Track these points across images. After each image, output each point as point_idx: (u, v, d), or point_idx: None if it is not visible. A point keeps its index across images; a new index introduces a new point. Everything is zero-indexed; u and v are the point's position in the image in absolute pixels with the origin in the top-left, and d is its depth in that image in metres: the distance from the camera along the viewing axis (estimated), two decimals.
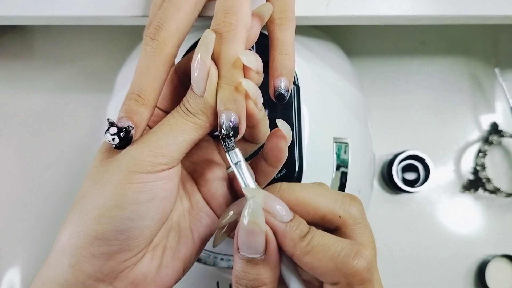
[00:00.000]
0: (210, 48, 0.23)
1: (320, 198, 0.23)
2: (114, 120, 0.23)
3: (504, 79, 0.51)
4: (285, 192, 0.23)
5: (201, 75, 0.22)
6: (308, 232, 0.22)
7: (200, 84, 0.22)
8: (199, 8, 0.27)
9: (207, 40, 0.23)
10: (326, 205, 0.23)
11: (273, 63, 0.26)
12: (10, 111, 0.52)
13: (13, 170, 0.51)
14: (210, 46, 0.23)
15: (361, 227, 0.23)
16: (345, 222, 0.23)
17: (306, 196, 0.23)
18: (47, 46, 0.54)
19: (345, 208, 0.23)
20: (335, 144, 0.37)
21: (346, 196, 0.23)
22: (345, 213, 0.23)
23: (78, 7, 0.36)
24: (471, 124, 0.52)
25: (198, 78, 0.22)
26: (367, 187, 0.43)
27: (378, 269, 0.23)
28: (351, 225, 0.23)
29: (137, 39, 0.27)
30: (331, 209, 0.23)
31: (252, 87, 0.23)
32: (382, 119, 0.52)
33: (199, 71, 0.22)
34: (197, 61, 0.22)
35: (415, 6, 0.36)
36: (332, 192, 0.23)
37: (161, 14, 0.24)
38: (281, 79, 0.25)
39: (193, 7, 0.25)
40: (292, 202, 0.22)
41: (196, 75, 0.22)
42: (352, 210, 0.23)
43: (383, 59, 0.54)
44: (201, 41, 0.23)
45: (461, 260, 0.50)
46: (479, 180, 0.50)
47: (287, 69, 0.26)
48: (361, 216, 0.23)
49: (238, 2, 0.24)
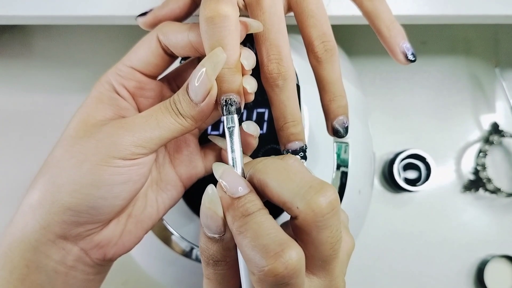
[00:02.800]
0: (219, 68, 0.23)
1: (284, 184, 0.21)
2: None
3: (505, 79, 0.51)
4: (255, 173, 0.22)
5: (203, 88, 0.23)
6: (254, 213, 0.20)
7: (199, 94, 0.23)
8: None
9: (217, 59, 0.22)
10: (288, 192, 0.20)
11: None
12: (10, 111, 0.52)
13: (13, 170, 0.51)
14: (219, 66, 0.23)
15: (320, 225, 0.20)
16: (302, 215, 0.20)
17: (269, 182, 0.21)
18: (46, 46, 0.54)
19: (307, 199, 0.20)
20: (335, 144, 0.37)
21: (314, 186, 0.20)
22: (305, 205, 0.20)
23: (78, 7, 0.36)
24: (471, 124, 0.52)
25: (198, 89, 0.23)
26: (368, 186, 0.43)
27: (378, 268, 0.22)
28: (309, 220, 0.20)
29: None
30: (291, 198, 0.20)
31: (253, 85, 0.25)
32: (382, 119, 0.52)
33: (201, 83, 0.22)
34: (201, 73, 0.22)
35: (415, 6, 0.36)
36: (302, 178, 0.21)
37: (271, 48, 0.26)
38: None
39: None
40: (257, 184, 0.22)
41: (196, 85, 0.22)
42: (314, 202, 0.20)
43: (383, 59, 0.53)
44: (210, 57, 0.22)
45: (461, 260, 0.50)
46: (480, 180, 0.50)
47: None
48: (328, 211, 0.20)
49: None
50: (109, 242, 0.25)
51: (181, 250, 0.37)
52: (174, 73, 0.30)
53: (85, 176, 0.23)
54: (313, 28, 0.27)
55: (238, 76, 0.24)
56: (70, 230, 0.23)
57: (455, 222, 0.51)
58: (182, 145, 0.29)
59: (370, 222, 0.50)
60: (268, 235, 0.20)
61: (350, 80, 0.42)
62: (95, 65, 0.52)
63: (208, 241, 0.22)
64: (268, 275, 0.19)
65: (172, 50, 0.26)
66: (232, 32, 0.23)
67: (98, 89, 0.26)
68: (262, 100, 0.33)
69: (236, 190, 0.21)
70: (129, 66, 0.26)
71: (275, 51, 0.26)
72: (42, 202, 0.23)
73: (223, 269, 0.22)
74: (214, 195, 0.22)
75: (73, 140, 0.24)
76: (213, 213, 0.21)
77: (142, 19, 0.29)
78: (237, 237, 0.21)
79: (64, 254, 0.24)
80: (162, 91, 0.28)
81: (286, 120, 0.27)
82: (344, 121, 0.28)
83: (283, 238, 0.19)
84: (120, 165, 0.23)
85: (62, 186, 0.23)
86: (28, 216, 0.23)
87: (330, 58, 0.27)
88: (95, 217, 0.24)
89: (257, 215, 0.20)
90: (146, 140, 0.23)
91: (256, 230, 0.20)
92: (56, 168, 0.23)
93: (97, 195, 0.23)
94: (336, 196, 0.20)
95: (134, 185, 0.24)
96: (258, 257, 0.19)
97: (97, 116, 0.25)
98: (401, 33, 0.28)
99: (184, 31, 0.25)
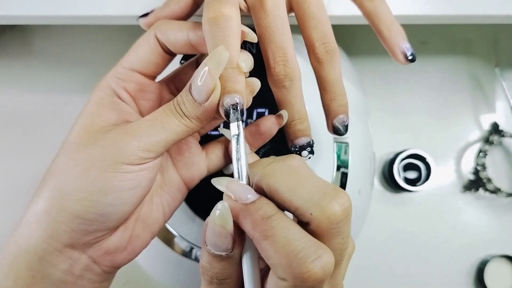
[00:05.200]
0: (222, 66, 0.22)
1: (295, 190, 0.20)
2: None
3: (505, 79, 0.51)
4: (263, 177, 0.21)
5: (206, 88, 0.22)
6: (274, 215, 0.20)
7: (203, 94, 0.22)
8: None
9: (220, 58, 0.22)
10: (301, 198, 0.20)
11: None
12: (10, 111, 0.52)
13: (13, 170, 0.51)
14: (222, 65, 0.22)
15: (333, 232, 0.20)
16: (316, 222, 0.19)
17: (280, 187, 0.20)
18: (46, 46, 0.54)
19: (321, 206, 0.19)
20: (336, 144, 0.37)
21: (328, 193, 0.20)
22: (319, 211, 0.19)
23: (78, 7, 0.36)
24: (471, 124, 0.52)
25: (202, 88, 0.22)
26: (368, 187, 0.43)
27: (378, 268, 0.22)
28: (323, 227, 0.19)
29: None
30: (304, 205, 0.20)
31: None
32: (382, 119, 0.52)
33: (204, 82, 0.22)
34: (203, 72, 0.22)
35: (415, 6, 0.36)
36: (314, 183, 0.20)
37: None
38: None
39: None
40: (266, 189, 0.21)
41: (199, 84, 0.22)
42: (330, 209, 0.19)
43: (383, 59, 0.53)
44: (213, 56, 0.22)
45: (461, 260, 0.50)
46: (480, 180, 0.50)
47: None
48: (342, 218, 0.20)
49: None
50: (118, 248, 0.25)
51: (181, 250, 0.37)
52: (172, 75, 0.30)
53: (93, 183, 0.22)
54: (314, 30, 0.27)
55: (242, 76, 0.24)
56: (79, 239, 0.23)
57: (455, 222, 0.51)
58: (183, 148, 0.29)
59: (370, 222, 0.50)
60: (300, 239, 0.19)
61: (350, 80, 0.42)
62: (95, 65, 0.53)
63: (213, 259, 0.21)
64: (308, 281, 0.18)
65: (170, 48, 0.26)
66: (235, 33, 0.23)
67: (98, 94, 0.26)
68: (262, 100, 0.33)
69: (246, 197, 0.21)
70: (129, 68, 0.26)
71: (281, 53, 0.26)
72: (49, 210, 0.22)
73: (228, 286, 0.22)
74: (226, 210, 0.21)
75: (77, 147, 0.23)
76: (222, 230, 0.20)
77: (144, 20, 0.30)
78: (262, 243, 0.20)
79: (71, 263, 0.23)
80: (161, 93, 0.28)
81: (293, 118, 0.27)
82: (344, 120, 0.28)
83: (317, 242, 0.19)
84: (129, 170, 0.22)
85: (69, 194, 0.22)
86: (33, 225, 0.23)
87: (330, 59, 0.27)
88: (103, 224, 0.23)
89: (279, 218, 0.20)
90: (152, 144, 0.23)
91: (285, 234, 0.19)
92: (61, 175, 0.23)
93: (106, 202, 0.22)
94: (350, 203, 0.20)
95: (142, 190, 0.24)
96: (295, 263, 0.18)
97: (100, 122, 0.25)
98: (401, 34, 0.28)
99: (183, 30, 0.25)
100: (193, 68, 0.30)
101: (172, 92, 0.29)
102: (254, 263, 0.22)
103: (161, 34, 0.26)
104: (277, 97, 0.27)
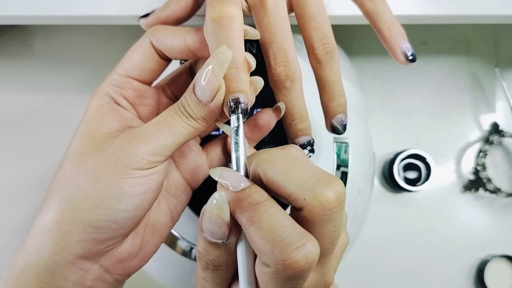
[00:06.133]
0: (226, 66, 0.22)
1: (290, 175, 0.20)
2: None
3: (505, 79, 0.51)
4: (259, 163, 0.21)
5: (210, 87, 0.22)
6: (262, 202, 0.20)
7: (207, 94, 0.22)
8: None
9: (223, 57, 0.22)
10: (295, 184, 0.20)
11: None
12: (10, 111, 0.52)
13: (13, 170, 0.51)
14: (226, 64, 0.22)
15: (325, 218, 0.19)
16: (309, 207, 0.19)
17: (275, 172, 0.20)
18: (46, 46, 0.54)
19: (315, 191, 0.19)
20: (335, 144, 0.37)
21: (323, 179, 0.20)
22: (313, 197, 0.19)
23: (78, 7, 0.36)
24: (471, 124, 0.52)
25: (206, 88, 0.22)
26: (368, 186, 0.43)
27: (378, 268, 0.22)
28: (315, 212, 0.19)
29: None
30: (298, 189, 0.20)
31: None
32: (382, 119, 0.52)
33: (208, 81, 0.22)
34: (206, 71, 0.22)
35: (415, 6, 0.36)
36: (309, 169, 0.20)
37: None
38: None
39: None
40: (261, 174, 0.21)
41: (203, 84, 0.22)
42: (323, 195, 0.19)
43: (383, 59, 0.53)
44: (216, 55, 0.22)
45: (461, 260, 0.50)
46: (480, 180, 0.50)
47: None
48: (336, 205, 0.19)
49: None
50: (129, 255, 0.25)
51: (181, 250, 0.37)
52: (168, 80, 0.29)
53: (105, 190, 0.22)
54: (314, 31, 0.27)
55: (246, 75, 0.24)
56: (91, 248, 0.23)
57: (455, 222, 0.51)
58: (185, 150, 0.29)
59: (370, 222, 0.50)
60: (285, 227, 0.19)
61: (350, 80, 0.42)
62: (95, 65, 0.53)
63: (209, 246, 0.22)
64: (289, 268, 0.18)
65: (167, 54, 0.26)
66: (239, 33, 0.23)
67: (96, 102, 0.26)
68: (262, 100, 0.33)
69: (238, 185, 0.21)
70: (125, 75, 0.26)
71: (281, 54, 0.26)
72: (60, 221, 0.22)
73: (223, 272, 0.22)
74: (222, 199, 0.21)
75: (83, 156, 0.23)
76: (218, 218, 0.21)
77: (145, 21, 0.29)
78: (248, 228, 0.20)
79: (82, 274, 0.23)
80: (159, 98, 0.28)
81: (294, 118, 0.28)
82: (343, 119, 0.28)
83: (302, 231, 0.19)
84: (139, 175, 0.22)
85: (80, 204, 0.22)
86: (43, 237, 0.22)
87: (330, 59, 0.27)
88: (116, 232, 0.23)
89: (267, 205, 0.20)
90: (161, 147, 0.23)
91: (271, 221, 0.19)
92: (70, 185, 0.23)
93: (119, 208, 0.22)
94: (344, 190, 0.20)
95: (153, 194, 0.24)
96: (277, 250, 0.18)
97: (104, 130, 0.24)
98: (402, 34, 0.28)
99: (180, 36, 0.25)
100: (187, 72, 0.30)
101: (169, 96, 0.29)
102: (248, 251, 0.22)
103: (157, 41, 0.26)
104: (278, 97, 0.28)
